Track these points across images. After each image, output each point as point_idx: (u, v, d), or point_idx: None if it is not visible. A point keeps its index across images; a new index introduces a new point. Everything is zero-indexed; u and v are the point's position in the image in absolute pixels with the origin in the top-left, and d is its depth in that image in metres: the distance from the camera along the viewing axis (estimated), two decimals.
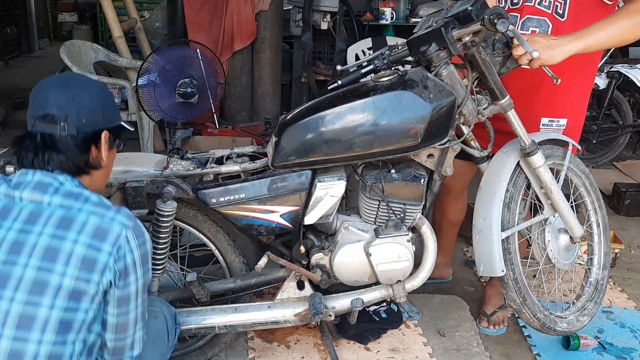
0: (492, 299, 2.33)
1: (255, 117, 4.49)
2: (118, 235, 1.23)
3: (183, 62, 2.94)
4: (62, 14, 8.73)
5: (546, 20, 1.93)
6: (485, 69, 1.74)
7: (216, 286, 1.96)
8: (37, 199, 1.23)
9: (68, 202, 1.24)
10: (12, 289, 1.16)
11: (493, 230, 1.79)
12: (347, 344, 2.17)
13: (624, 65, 4.36)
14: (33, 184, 1.24)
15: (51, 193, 1.24)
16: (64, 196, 1.24)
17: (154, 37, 4.90)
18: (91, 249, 1.21)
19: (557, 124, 2.06)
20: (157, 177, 1.82)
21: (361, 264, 1.85)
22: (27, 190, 1.23)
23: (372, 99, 1.69)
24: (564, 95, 2.02)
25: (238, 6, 4.16)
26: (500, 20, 1.56)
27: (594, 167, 4.37)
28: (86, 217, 1.23)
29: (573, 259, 2.03)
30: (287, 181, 1.78)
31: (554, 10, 1.92)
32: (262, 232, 1.84)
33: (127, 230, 1.25)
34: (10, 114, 5.00)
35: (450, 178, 2.18)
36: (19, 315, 1.15)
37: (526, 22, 1.96)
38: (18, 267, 1.17)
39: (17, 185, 1.25)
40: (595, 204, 2.12)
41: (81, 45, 4.08)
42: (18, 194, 1.23)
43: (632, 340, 2.30)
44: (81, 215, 1.23)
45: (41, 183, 1.25)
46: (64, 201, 1.24)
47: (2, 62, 7.31)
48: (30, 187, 1.24)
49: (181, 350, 2.02)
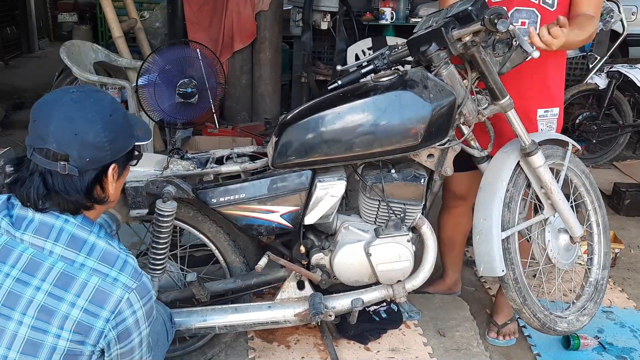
0: (505, 310, 2.27)
1: (255, 117, 4.49)
2: (119, 300, 1.17)
3: (183, 62, 2.94)
4: (62, 14, 8.75)
5: (534, 11, 1.93)
6: (485, 69, 1.74)
7: (216, 286, 1.97)
8: (38, 245, 1.16)
9: (70, 254, 1.17)
10: (5, 346, 1.12)
11: (493, 230, 1.79)
12: (347, 344, 2.17)
13: (624, 65, 4.35)
14: (34, 226, 1.17)
15: (53, 239, 1.17)
16: (67, 245, 1.17)
17: (154, 37, 4.91)
18: (88, 314, 1.14)
19: (552, 114, 2.06)
20: (157, 177, 1.82)
21: (361, 264, 1.85)
22: (28, 232, 1.17)
23: (372, 99, 1.69)
24: (553, 84, 2.03)
25: (238, 6, 4.16)
26: (500, 20, 1.56)
27: (594, 167, 4.37)
28: (87, 276, 1.16)
29: (573, 258, 2.03)
30: (287, 181, 1.78)
31: (542, 1, 1.93)
32: (262, 232, 1.84)
33: (130, 293, 1.18)
34: (10, 114, 5.00)
35: (464, 189, 2.18)
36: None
37: (514, 14, 1.95)
38: (12, 323, 1.13)
39: (18, 221, 1.17)
40: (595, 204, 2.12)
41: (81, 45, 4.08)
42: (19, 235, 1.16)
43: (632, 340, 2.30)
44: (82, 273, 1.16)
45: (43, 224, 1.17)
46: (65, 252, 1.16)
47: (2, 62, 7.31)
48: (31, 229, 1.17)
49: (181, 350, 2.02)
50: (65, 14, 8.69)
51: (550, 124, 2.06)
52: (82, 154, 1.16)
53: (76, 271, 1.16)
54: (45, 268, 1.15)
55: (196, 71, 2.96)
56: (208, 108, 3.04)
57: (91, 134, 1.17)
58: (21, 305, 1.13)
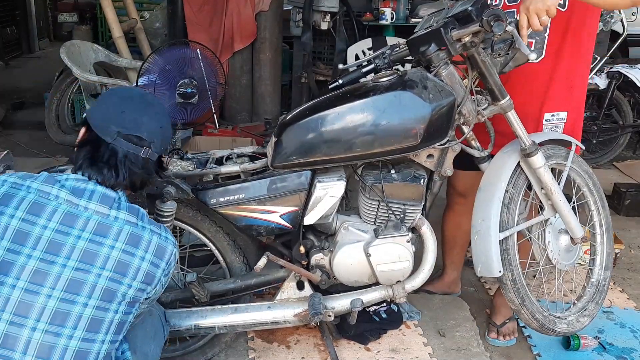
0: (502, 309, 2.27)
1: (255, 117, 4.48)
2: (171, 254, 1.40)
3: (183, 63, 2.95)
4: (62, 14, 8.74)
5: None
6: (484, 69, 1.74)
7: (216, 286, 1.97)
8: (103, 212, 1.32)
9: (132, 218, 1.35)
10: (86, 295, 1.26)
11: (491, 230, 1.79)
12: (347, 344, 2.17)
13: (624, 65, 4.35)
14: (98, 196, 1.33)
15: (116, 208, 1.34)
16: (128, 211, 1.36)
17: (154, 38, 4.90)
18: (152, 266, 1.35)
19: (558, 118, 2.05)
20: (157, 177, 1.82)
21: (361, 264, 1.85)
22: (93, 201, 1.32)
23: (372, 99, 1.69)
24: (562, 88, 2.02)
25: (238, 6, 4.16)
26: (496, 23, 1.56)
27: (594, 167, 4.37)
28: (150, 236, 1.36)
29: (574, 259, 2.02)
30: (287, 181, 1.78)
31: None
32: (262, 232, 1.84)
33: (176, 248, 1.42)
34: (10, 114, 5.00)
35: (468, 188, 2.18)
36: (54, 311, 1.23)
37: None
38: (91, 275, 1.27)
39: (77, 192, 1.32)
40: (599, 204, 2.11)
41: (81, 45, 4.08)
42: (84, 204, 1.31)
43: (632, 341, 2.30)
44: (146, 233, 1.35)
45: (106, 196, 1.34)
46: (129, 217, 1.35)
47: (2, 62, 7.31)
48: (95, 198, 1.33)
49: (181, 350, 2.02)
50: (66, 14, 8.68)
51: (556, 129, 2.05)
52: (162, 143, 1.46)
53: (141, 232, 1.35)
54: (115, 230, 1.31)
55: (196, 71, 2.96)
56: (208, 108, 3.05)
57: (168, 129, 1.51)
58: (99, 261, 1.28)
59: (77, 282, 1.25)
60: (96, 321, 1.26)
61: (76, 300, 1.24)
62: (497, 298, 2.32)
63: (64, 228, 1.27)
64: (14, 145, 4.36)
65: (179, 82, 2.90)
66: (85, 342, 1.24)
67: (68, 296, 1.24)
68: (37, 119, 4.62)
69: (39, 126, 4.50)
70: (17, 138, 4.51)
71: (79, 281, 1.25)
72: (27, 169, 1.40)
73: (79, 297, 1.25)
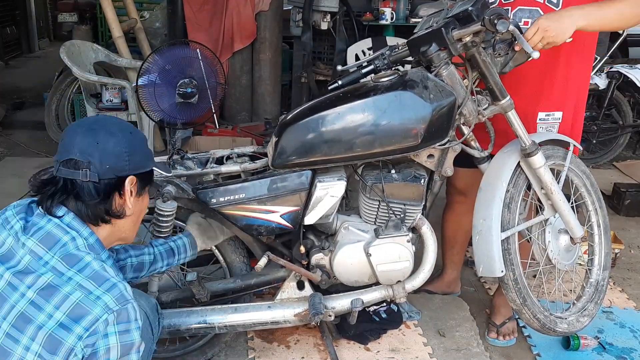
0: (502, 309, 2.28)
1: (255, 117, 4.49)
2: (96, 319, 1.12)
3: (183, 62, 2.94)
4: (62, 14, 8.75)
5: (538, 10, 1.92)
6: (485, 69, 1.74)
7: (216, 286, 1.97)
8: (38, 253, 1.18)
9: (62, 267, 1.17)
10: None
11: (493, 230, 1.79)
12: (347, 344, 2.17)
13: (624, 65, 4.36)
14: (42, 234, 1.20)
15: (54, 251, 1.18)
16: (63, 258, 1.18)
17: (154, 37, 4.90)
18: (61, 328, 1.11)
19: (553, 117, 2.05)
20: (157, 177, 1.82)
21: (361, 264, 1.85)
22: (33, 238, 1.20)
23: (373, 99, 1.69)
24: (559, 88, 2.02)
25: (238, 6, 4.16)
26: (500, 21, 1.56)
27: (594, 167, 4.37)
28: (71, 290, 1.14)
29: (573, 259, 2.03)
30: (287, 181, 1.78)
31: (546, 0, 1.91)
32: (262, 232, 1.84)
33: (110, 314, 1.13)
34: (10, 114, 5.01)
35: (468, 186, 2.18)
36: None
37: (517, 13, 1.93)
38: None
39: (30, 227, 1.21)
40: (596, 205, 2.11)
41: (81, 45, 4.08)
42: (23, 240, 1.19)
43: (632, 340, 2.30)
44: (67, 286, 1.14)
45: (50, 235, 1.20)
46: (58, 264, 1.17)
47: (2, 62, 7.31)
48: (38, 236, 1.20)
49: (181, 350, 2.02)
50: (65, 14, 8.69)
51: (551, 128, 2.05)
52: (103, 161, 1.24)
53: (62, 283, 1.15)
54: (34, 276, 1.16)
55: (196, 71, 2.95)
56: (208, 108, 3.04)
57: (111, 142, 1.26)
58: (4, 310, 1.14)
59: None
60: None
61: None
62: (497, 298, 2.33)
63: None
64: (14, 145, 4.36)
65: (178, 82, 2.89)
66: None
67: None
68: (37, 119, 4.63)
69: (38, 126, 4.51)
70: (17, 138, 4.51)
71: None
72: (27, 169, 1.35)
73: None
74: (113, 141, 1.26)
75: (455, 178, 2.16)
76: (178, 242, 1.78)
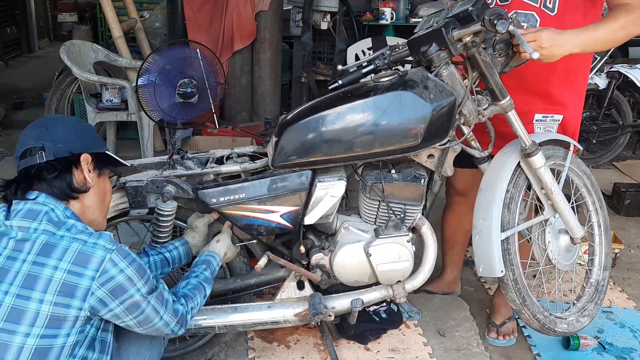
0: (502, 309, 2.28)
1: (255, 117, 4.48)
2: (102, 260, 1.25)
3: (183, 62, 2.94)
4: (62, 14, 8.75)
5: (534, 14, 1.92)
6: (485, 69, 1.74)
7: (216, 286, 1.96)
8: (24, 226, 1.27)
9: (52, 228, 1.26)
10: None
11: (493, 230, 1.79)
12: (347, 344, 2.17)
13: (624, 65, 4.36)
14: (23, 212, 1.29)
15: (39, 220, 1.27)
16: (49, 222, 1.27)
17: (154, 37, 4.90)
18: (72, 275, 1.22)
19: (552, 119, 2.05)
20: (157, 176, 1.82)
21: (361, 264, 1.85)
22: (16, 218, 1.28)
23: (373, 99, 1.69)
24: (560, 90, 2.02)
25: (238, 6, 4.16)
26: (500, 21, 1.56)
27: (594, 167, 4.37)
28: (68, 243, 1.25)
29: (573, 259, 2.03)
30: (287, 181, 1.78)
31: (542, 4, 1.91)
32: (262, 232, 1.84)
33: (111, 253, 1.26)
34: (10, 114, 5.01)
35: (467, 187, 2.18)
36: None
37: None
38: (7, 296, 1.20)
39: (11, 214, 1.30)
40: (597, 205, 2.11)
41: (81, 45, 4.08)
42: (9, 223, 1.28)
43: (632, 340, 2.30)
44: (63, 241, 1.25)
45: (31, 211, 1.29)
46: (48, 227, 1.26)
47: (2, 62, 7.31)
48: (20, 215, 1.28)
49: (181, 350, 2.02)
50: (65, 14, 8.70)
51: (549, 129, 2.05)
52: (55, 142, 1.34)
53: (57, 240, 1.25)
54: (31, 242, 1.24)
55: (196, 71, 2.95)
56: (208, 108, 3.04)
57: (60, 128, 1.39)
58: (8, 278, 1.22)
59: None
60: (2, 346, 1.18)
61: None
62: (497, 298, 2.33)
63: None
64: (14, 145, 4.36)
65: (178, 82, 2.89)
66: None
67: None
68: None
69: None
70: (17, 138, 4.51)
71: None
72: None
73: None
74: (61, 127, 1.39)
75: (454, 178, 2.16)
76: (173, 253, 1.77)
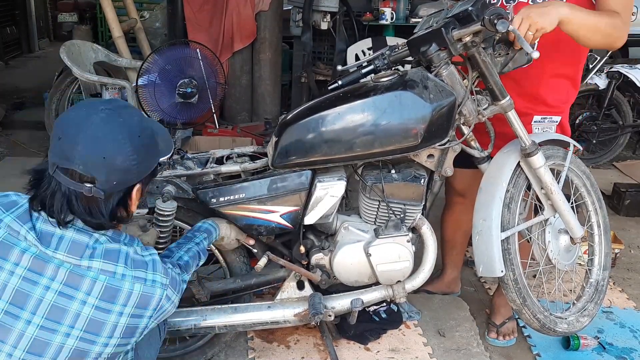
0: (502, 309, 2.28)
1: (255, 117, 4.48)
2: (160, 299, 1.25)
3: (183, 62, 2.95)
4: (62, 14, 8.75)
5: None
6: (485, 69, 1.74)
7: (216, 286, 1.96)
8: (74, 263, 1.15)
9: (109, 267, 1.17)
10: (50, 356, 1.13)
11: (493, 230, 1.79)
12: (347, 344, 2.17)
13: (624, 65, 4.36)
14: (66, 246, 1.15)
15: (88, 257, 1.16)
16: (104, 258, 1.17)
17: (154, 37, 4.90)
18: (134, 318, 1.21)
19: (550, 120, 2.05)
20: (157, 177, 1.82)
21: (361, 264, 1.85)
22: (60, 251, 1.15)
23: (372, 99, 1.69)
24: (558, 93, 2.02)
25: (238, 6, 4.16)
26: (500, 21, 1.56)
27: (594, 167, 4.37)
28: (130, 285, 1.19)
29: (573, 259, 2.03)
30: (287, 181, 1.78)
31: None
32: (262, 232, 1.84)
33: (167, 289, 1.26)
34: (10, 114, 5.01)
35: (467, 187, 2.18)
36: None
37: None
38: (59, 336, 1.13)
39: (45, 237, 1.14)
40: (596, 205, 2.11)
41: (81, 45, 4.08)
42: (51, 254, 1.14)
43: (632, 340, 2.30)
44: (125, 283, 1.18)
45: (75, 243, 1.16)
46: (104, 265, 1.17)
47: (2, 62, 7.31)
48: (63, 248, 1.15)
49: (181, 350, 2.02)
50: (65, 14, 8.70)
51: (548, 129, 2.05)
52: (110, 178, 1.15)
53: (119, 282, 1.18)
54: (88, 282, 1.15)
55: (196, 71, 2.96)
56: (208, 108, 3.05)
57: (120, 157, 1.15)
58: (68, 319, 1.14)
59: (42, 343, 1.11)
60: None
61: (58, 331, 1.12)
62: (497, 298, 2.33)
63: (31, 275, 1.11)
64: (14, 145, 4.36)
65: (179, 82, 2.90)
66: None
67: (31, 358, 1.10)
68: (37, 119, 4.62)
69: (38, 126, 4.50)
70: (17, 138, 4.51)
71: (43, 341, 1.11)
72: (27, 169, 1.28)
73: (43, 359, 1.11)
74: (121, 156, 1.15)
75: (454, 179, 2.16)
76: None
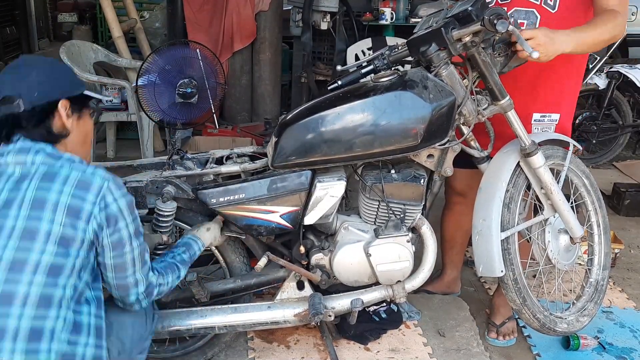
0: (501, 309, 2.28)
1: (255, 117, 4.48)
2: (100, 187, 1.35)
3: (183, 63, 2.94)
4: (62, 14, 8.74)
5: (534, 11, 1.92)
6: (485, 69, 1.74)
7: (216, 286, 1.96)
8: (21, 161, 1.34)
9: (50, 161, 1.35)
10: (5, 237, 1.27)
11: (492, 230, 1.79)
12: (347, 344, 2.17)
13: (624, 65, 4.36)
14: (16, 150, 1.35)
15: (33, 153, 1.34)
16: (46, 156, 1.35)
17: (154, 37, 4.90)
18: (76, 199, 1.32)
19: (550, 119, 2.05)
20: (157, 177, 1.82)
21: (361, 264, 1.85)
22: (10, 155, 1.34)
23: (372, 99, 1.69)
24: (557, 89, 2.02)
25: (238, 6, 4.16)
26: (499, 21, 1.56)
27: (594, 167, 4.37)
28: (68, 171, 1.34)
29: (573, 259, 2.03)
30: (287, 181, 1.78)
31: (542, 2, 1.91)
32: (262, 232, 1.84)
33: (109, 182, 1.36)
34: None
35: (466, 187, 2.18)
36: (10, 261, 1.26)
37: (514, 14, 1.93)
38: (10, 219, 1.28)
39: (0, 153, 1.36)
40: (596, 204, 2.11)
41: (81, 45, 4.08)
42: (3, 161, 1.34)
43: (632, 340, 2.30)
44: (63, 170, 1.34)
45: (23, 148, 1.35)
46: (46, 159, 1.34)
47: (2, 62, 7.31)
48: (13, 152, 1.35)
49: (181, 350, 2.02)
50: (65, 14, 8.69)
51: (547, 129, 2.05)
52: (30, 90, 1.37)
53: (57, 169, 1.34)
54: (31, 174, 1.33)
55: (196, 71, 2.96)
56: (208, 108, 3.05)
57: (34, 74, 1.40)
58: (15, 204, 1.30)
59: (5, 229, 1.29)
60: (18, 263, 1.26)
61: None
62: (497, 298, 2.33)
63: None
64: None
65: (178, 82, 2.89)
66: (8, 284, 1.25)
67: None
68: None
69: None
70: None
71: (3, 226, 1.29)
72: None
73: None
74: (35, 72, 1.40)
75: (453, 179, 2.16)
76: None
